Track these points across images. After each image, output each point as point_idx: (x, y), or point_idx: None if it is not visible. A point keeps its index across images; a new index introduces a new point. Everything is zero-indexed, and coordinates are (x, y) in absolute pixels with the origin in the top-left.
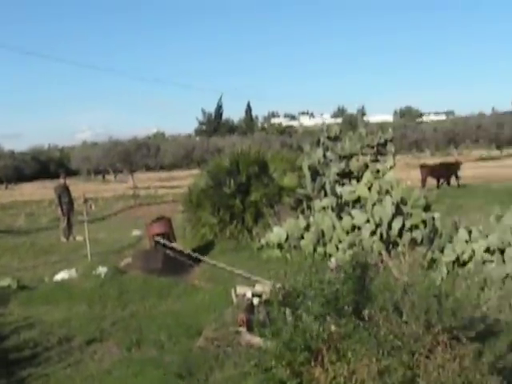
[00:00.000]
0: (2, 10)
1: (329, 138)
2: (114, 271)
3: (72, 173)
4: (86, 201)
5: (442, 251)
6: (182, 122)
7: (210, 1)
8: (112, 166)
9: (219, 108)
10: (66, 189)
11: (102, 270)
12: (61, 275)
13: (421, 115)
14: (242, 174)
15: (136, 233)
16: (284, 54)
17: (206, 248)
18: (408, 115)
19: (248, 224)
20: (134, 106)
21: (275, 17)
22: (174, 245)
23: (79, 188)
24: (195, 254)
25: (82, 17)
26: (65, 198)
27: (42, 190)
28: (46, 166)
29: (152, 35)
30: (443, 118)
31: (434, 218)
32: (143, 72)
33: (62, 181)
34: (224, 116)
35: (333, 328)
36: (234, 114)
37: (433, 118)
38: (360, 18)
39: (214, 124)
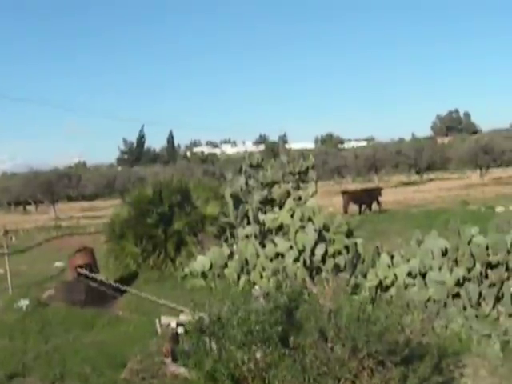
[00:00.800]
0: None
1: (251, 165)
2: (36, 304)
3: None
4: (6, 233)
5: (364, 276)
6: (103, 151)
7: (132, 33)
8: (33, 196)
9: (141, 137)
10: None
11: (24, 302)
12: None
13: (342, 142)
14: (165, 204)
15: (58, 264)
16: (206, 83)
17: (129, 278)
18: (329, 142)
19: (171, 253)
20: (54, 137)
21: (196, 47)
22: (97, 276)
23: None
24: (119, 285)
25: None
26: None
27: None
28: None
29: (72, 64)
30: (364, 144)
31: (356, 244)
32: (63, 102)
33: None
34: (146, 145)
35: (258, 356)
36: (155, 143)
37: (354, 144)
38: (280, 46)
39: (136, 153)
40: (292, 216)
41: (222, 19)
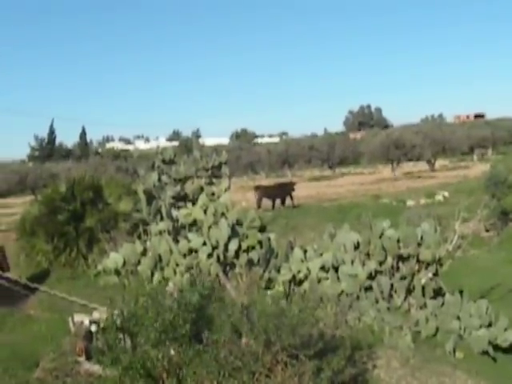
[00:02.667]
0: None
1: (163, 161)
2: None
3: None
4: None
5: (278, 271)
6: (13, 148)
7: (42, 26)
8: None
9: (52, 133)
10: None
11: None
12: None
13: (255, 137)
14: (77, 200)
15: None
16: (119, 79)
17: (41, 276)
18: (244, 138)
19: (83, 251)
20: None
21: (110, 42)
22: (7, 274)
23: None
24: (30, 283)
25: None
26: None
27: None
28: None
29: None
30: (277, 139)
31: (269, 239)
32: None
33: None
34: (58, 141)
35: (172, 353)
36: (67, 139)
37: (267, 140)
38: (195, 42)
39: (48, 149)
40: (205, 211)
41: (121, 14)
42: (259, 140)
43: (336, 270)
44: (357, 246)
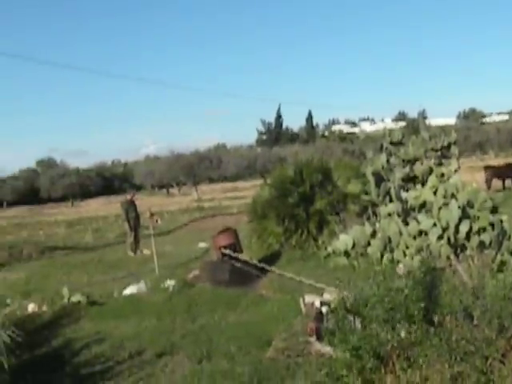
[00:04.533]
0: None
1: (391, 143)
2: (182, 284)
3: (136, 187)
4: (151, 215)
5: (511, 254)
6: (242, 133)
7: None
8: (175, 179)
9: (279, 117)
10: (132, 204)
11: (170, 283)
12: (129, 290)
13: (483, 116)
14: (306, 183)
15: (202, 245)
16: (340, 61)
17: (272, 258)
18: (472, 117)
19: (313, 232)
20: (195, 120)
21: (338, 27)
22: (240, 256)
23: (144, 202)
24: (262, 265)
25: (134, 33)
26: (131, 213)
27: (107, 206)
28: (110, 181)
29: (207, 48)
30: (507, 117)
31: (501, 221)
32: (202, 84)
33: (128, 196)
34: (284, 125)
35: (403, 334)
36: (294, 123)
37: (495, 118)
38: (422, 24)
39: (275, 134)
40: (435, 193)
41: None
42: (487, 119)
43: None
44: None
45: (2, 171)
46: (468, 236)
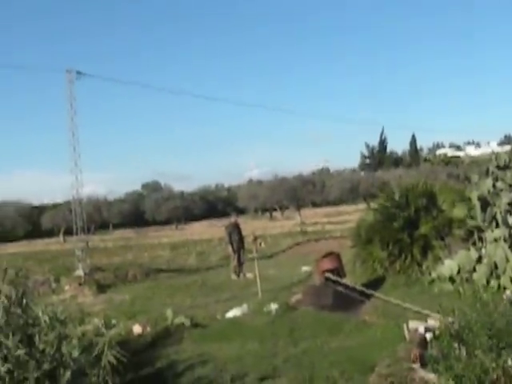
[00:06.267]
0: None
1: (498, 167)
2: (285, 308)
3: (239, 211)
4: (255, 239)
5: None
6: (345, 156)
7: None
8: (278, 203)
9: (383, 141)
10: (236, 227)
11: (273, 306)
12: (232, 312)
13: None
14: (411, 207)
15: (305, 269)
16: (446, 86)
17: (376, 283)
18: None
19: (417, 257)
20: (298, 143)
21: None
22: (344, 280)
23: (248, 226)
24: (365, 289)
25: (231, 55)
26: (235, 237)
27: (210, 229)
28: (213, 205)
29: (309, 71)
30: None
31: None
32: (305, 107)
33: (232, 219)
34: (388, 149)
35: (509, 362)
36: (397, 146)
37: None
38: None
39: (378, 157)
40: None
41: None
42: None
43: None
44: None
45: (111, 193)
46: None
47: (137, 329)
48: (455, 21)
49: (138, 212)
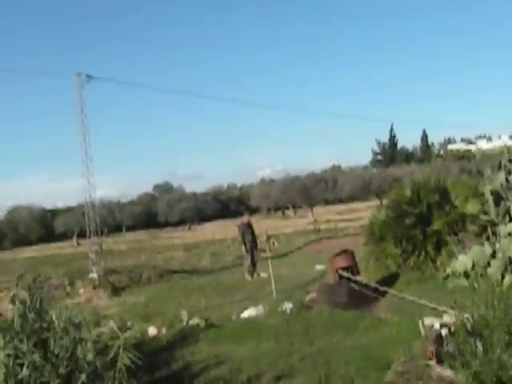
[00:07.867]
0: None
1: (510, 160)
2: (300, 307)
3: (252, 210)
4: (268, 238)
5: None
6: (356, 154)
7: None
8: (291, 201)
9: (393, 137)
10: (249, 227)
11: (288, 305)
12: (247, 312)
13: None
14: (423, 204)
15: (319, 267)
16: (457, 80)
17: (390, 280)
18: None
19: (430, 254)
20: (310, 142)
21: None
22: (358, 278)
23: (261, 225)
24: (380, 287)
25: (242, 54)
26: (248, 236)
27: (223, 229)
28: (226, 205)
29: (322, 70)
30: None
31: None
32: (316, 106)
33: (245, 219)
34: (399, 145)
35: None
36: (408, 142)
37: None
38: None
39: (389, 154)
40: None
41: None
42: None
43: None
44: None
45: (123, 196)
46: None
47: (152, 331)
48: (463, 18)
49: (150, 214)
